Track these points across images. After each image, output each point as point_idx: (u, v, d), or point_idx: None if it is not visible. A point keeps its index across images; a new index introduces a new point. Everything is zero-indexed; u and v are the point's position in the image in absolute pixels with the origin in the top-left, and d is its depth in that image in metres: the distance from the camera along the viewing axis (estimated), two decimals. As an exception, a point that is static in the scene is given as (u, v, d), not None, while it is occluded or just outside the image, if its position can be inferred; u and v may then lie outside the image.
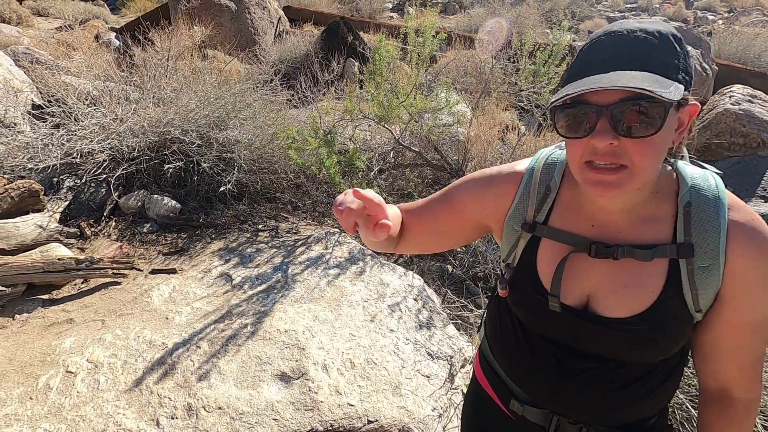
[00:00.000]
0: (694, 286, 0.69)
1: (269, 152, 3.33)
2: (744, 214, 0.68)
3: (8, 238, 2.37)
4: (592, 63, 0.63)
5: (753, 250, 0.67)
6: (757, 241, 0.67)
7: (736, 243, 0.67)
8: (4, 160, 3.03)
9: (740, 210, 0.69)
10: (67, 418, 1.54)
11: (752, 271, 0.67)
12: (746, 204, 0.70)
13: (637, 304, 0.72)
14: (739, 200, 0.70)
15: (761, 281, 0.68)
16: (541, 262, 0.79)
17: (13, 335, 1.99)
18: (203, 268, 2.48)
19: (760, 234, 0.67)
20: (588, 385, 0.78)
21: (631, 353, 0.75)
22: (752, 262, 0.67)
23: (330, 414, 1.58)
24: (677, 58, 0.62)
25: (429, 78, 4.90)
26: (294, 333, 1.94)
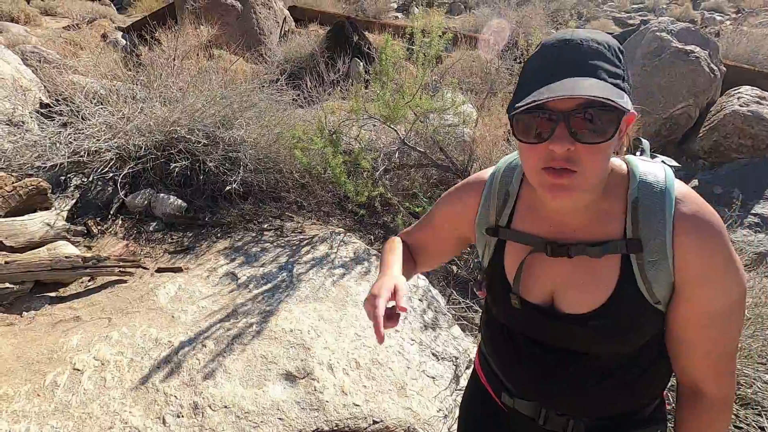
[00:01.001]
0: (647, 280, 0.70)
1: (275, 152, 3.34)
2: (691, 206, 0.68)
3: (16, 236, 2.39)
4: (547, 69, 0.64)
5: (698, 242, 0.67)
6: (703, 233, 0.67)
7: (683, 236, 0.68)
8: (12, 158, 3.06)
9: (688, 202, 0.69)
10: (74, 416, 1.54)
11: (699, 262, 0.68)
12: (699, 195, 0.70)
13: (594, 300, 0.74)
14: (690, 192, 0.70)
15: (710, 273, 0.68)
16: (508, 263, 0.83)
17: (21, 332, 2.00)
18: (209, 267, 2.49)
19: (705, 225, 0.68)
20: (567, 379, 0.81)
21: (598, 347, 0.78)
22: (698, 253, 0.68)
23: (335, 414, 1.58)
24: (623, 69, 0.65)
25: (434, 78, 4.89)
26: (299, 332, 1.94)
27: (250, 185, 3.20)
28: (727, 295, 0.69)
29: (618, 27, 10.61)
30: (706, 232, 0.67)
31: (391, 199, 3.13)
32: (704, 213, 0.68)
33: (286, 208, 3.24)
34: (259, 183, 3.21)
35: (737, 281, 0.69)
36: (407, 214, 3.16)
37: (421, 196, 3.10)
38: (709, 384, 0.75)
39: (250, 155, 3.18)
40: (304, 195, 3.38)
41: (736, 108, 4.33)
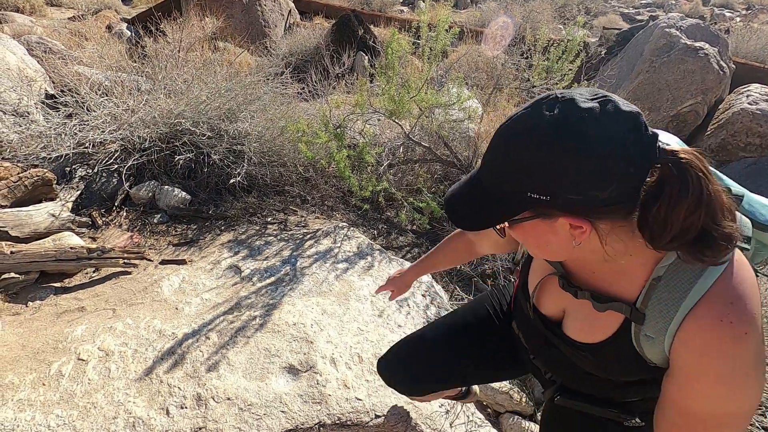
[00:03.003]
0: (640, 346, 0.69)
1: (279, 145, 3.33)
2: (717, 309, 0.59)
3: (22, 226, 2.40)
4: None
5: (702, 348, 0.60)
6: (711, 344, 0.59)
7: (688, 335, 0.62)
8: (18, 148, 3.07)
9: (718, 302, 0.59)
10: (78, 405, 1.56)
11: (694, 364, 0.62)
12: (747, 295, 0.59)
13: (590, 336, 0.76)
14: (732, 289, 0.59)
15: (701, 371, 0.61)
16: (532, 273, 0.90)
17: (26, 322, 2.01)
18: (213, 260, 2.50)
19: (720, 336, 0.59)
20: (561, 360, 0.87)
21: (584, 368, 0.83)
22: (698, 357, 0.61)
23: (338, 408, 1.58)
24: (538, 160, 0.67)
25: (440, 73, 4.86)
26: (302, 326, 1.94)
27: (254, 178, 3.20)
28: (720, 406, 0.61)
29: (626, 23, 10.49)
30: (727, 332, 0.58)
31: (396, 194, 3.12)
32: (738, 309, 0.58)
33: (290, 202, 3.24)
34: (263, 176, 3.21)
35: (739, 393, 0.60)
36: (411, 209, 3.15)
37: (425, 191, 3.09)
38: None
39: (254, 148, 3.17)
40: (308, 189, 3.38)
41: (744, 106, 4.28)
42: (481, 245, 1.11)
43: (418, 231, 3.18)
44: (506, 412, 1.85)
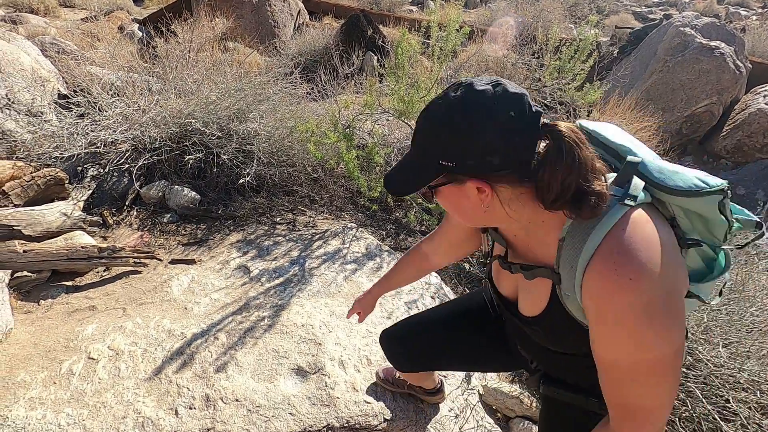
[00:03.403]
0: (567, 307, 0.75)
1: (288, 145, 3.33)
2: (612, 248, 0.65)
3: (34, 225, 2.43)
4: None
5: (600, 289, 0.66)
6: (609, 280, 0.65)
7: (590, 280, 0.68)
8: (31, 148, 3.10)
9: (614, 243, 0.66)
10: (89, 404, 1.56)
11: (596, 309, 0.68)
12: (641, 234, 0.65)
13: (533, 309, 0.85)
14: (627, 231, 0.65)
15: (606, 324, 0.67)
16: (493, 258, 0.97)
17: (38, 320, 2.03)
18: (221, 260, 2.50)
19: (616, 272, 0.64)
20: (532, 342, 0.94)
21: (545, 345, 0.89)
22: (597, 300, 0.67)
23: (346, 410, 1.57)
24: (447, 139, 0.73)
25: (449, 73, 4.83)
26: (311, 327, 1.94)
27: (263, 178, 3.20)
28: (631, 350, 0.66)
29: (638, 21, 10.35)
30: (621, 274, 0.64)
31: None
32: (634, 251, 0.64)
33: (299, 202, 3.24)
34: (272, 176, 3.21)
35: (648, 339, 0.64)
36: (420, 210, 3.13)
37: (435, 192, 3.07)
38: (613, 419, 0.75)
39: (263, 148, 3.18)
40: (317, 189, 3.37)
41: (762, 106, 4.19)
42: (437, 254, 1.19)
43: (427, 232, 3.16)
44: (516, 417, 1.82)
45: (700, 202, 0.69)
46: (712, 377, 1.67)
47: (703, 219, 0.73)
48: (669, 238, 0.68)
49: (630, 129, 3.87)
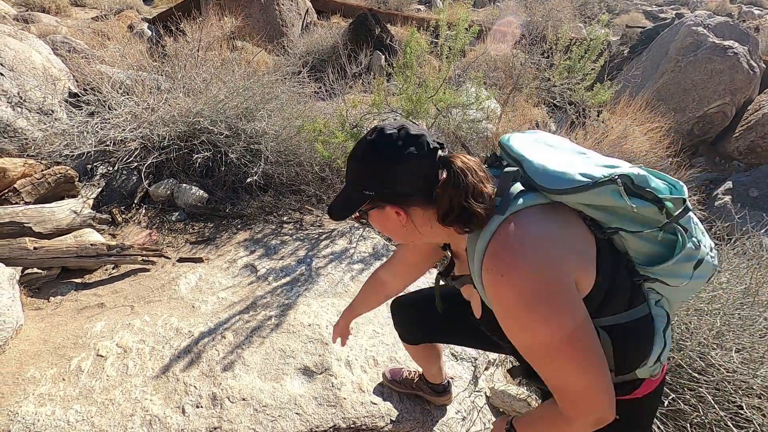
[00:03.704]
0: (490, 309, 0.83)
1: (295, 144, 3.33)
2: (496, 245, 0.77)
3: (44, 223, 2.45)
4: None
5: (490, 282, 0.77)
6: (494, 273, 0.76)
7: (484, 275, 0.78)
8: (42, 146, 3.13)
9: (497, 241, 0.77)
10: (97, 401, 1.57)
11: (492, 300, 0.79)
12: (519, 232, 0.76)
13: (477, 312, 0.98)
14: (506, 230, 0.76)
15: (501, 312, 0.79)
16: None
17: (48, 317, 2.05)
18: (229, 258, 2.51)
19: (498, 264, 0.76)
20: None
21: (497, 341, 0.95)
22: (490, 291, 0.78)
23: (353, 411, 1.56)
24: (366, 171, 0.86)
25: (457, 72, 4.80)
26: (317, 327, 1.93)
27: (271, 177, 3.21)
28: (529, 337, 0.77)
29: (649, 20, 10.23)
30: (496, 272, 0.75)
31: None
32: (504, 252, 0.75)
33: (306, 201, 3.24)
34: (279, 175, 3.22)
35: (536, 326, 0.74)
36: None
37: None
38: (557, 401, 0.82)
39: (271, 147, 3.18)
40: (324, 188, 3.37)
41: (776, 107, 4.12)
42: (395, 279, 1.29)
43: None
44: (524, 420, 1.80)
45: (590, 196, 0.76)
46: (724, 383, 1.64)
47: (609, 208, 0.78)
48: (554, 235, 0.76)
49: (640, 130, 3.83)
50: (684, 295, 0.90)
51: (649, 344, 0.86)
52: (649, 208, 0.77)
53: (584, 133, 3.84)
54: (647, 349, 0.86)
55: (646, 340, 0.86)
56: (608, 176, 0.75)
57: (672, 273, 0.82)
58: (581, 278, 0.77)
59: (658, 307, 0.87)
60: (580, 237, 0.79)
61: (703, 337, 1.73)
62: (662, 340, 0.86)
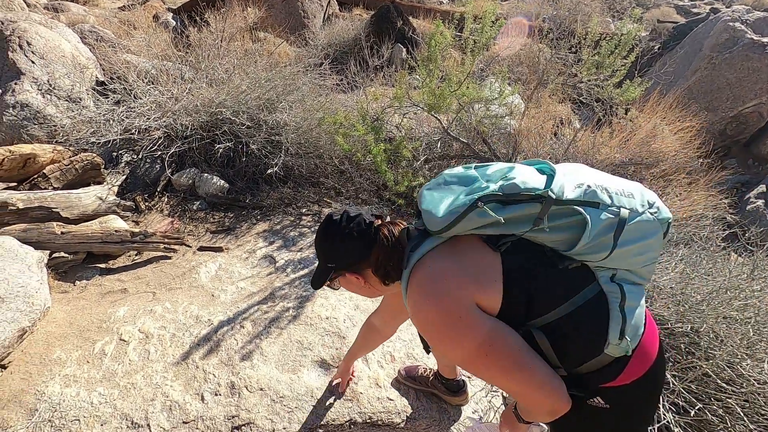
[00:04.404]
0: None
1: (315, 136, 3.33)
2: (409, 289, 0.95)
3: (71, 208, 2.51)
4: None
5: (411, 314, 0.95)
6: (412, 316, 0.95)
7: (411, 318, 0.97)
8: (70, 133, 3.21)
9: (410, 286, 0.94)
10: (119, 385, 1.61)
11: (419, 330, 0.98)
12: (425, 273, 0.93)
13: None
14: (415, 275, 0.94)
15: (428, 340, 1.00)
16: None
17: (74, 300, 2.10)
18: (248, 249, 2.52)
19: (410, 303, 0.94)
20: None
21: None
22: (414, 322, 0.96)
23: (369, 406, 1.56)
24: (327, 250, 1.06)
25: (480, 66, 4.72)
26: (335, 321, 1.93)
27: (290, 169, 3.22)
28: (450, 355, 0.99)
29: (680, 15, 9.86)
30: (413, 312, 0.93)
31: (431, 190, 3.06)
32: (411, 298, 0.93)
33: (324, 194, 3.24)
34: (299, 167, 3.22)
35: (450, 347, 0.90)
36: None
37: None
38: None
39: (291, 139, 3.19)
40: (343, 181, 3.36)
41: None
42: (386, 324, 1.40)
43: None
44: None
45: (465, 224, 0.88)
46: (755, 395, 1.58)
47: (490, 225, 0.88)
48: (444, 272, 0.90)
49: (670, 129, 3.70)
50: (637, 261, 0.91)
51: (599, 327, 0.88)
52: (532, 207, 0.86)
53: (610, 131, 3.73)
54: (597, 333, 0.88)
55: (594, 324, 0.89)
56: (468, 203, 0.87)
57: (590, 250, 0.87)
58: (483, 298, 0.88)
59: (612, 284, 0.90)
60: (478, 261, 0.91)
61: (733, 346, 1.66)
62: (619, 315, 0.88)
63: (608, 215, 0.86)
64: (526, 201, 0.87)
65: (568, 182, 0.89)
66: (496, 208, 0.87)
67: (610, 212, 0.87)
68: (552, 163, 0.97)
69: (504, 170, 0.95)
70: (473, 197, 0.88)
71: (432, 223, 0.91)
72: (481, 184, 0.92)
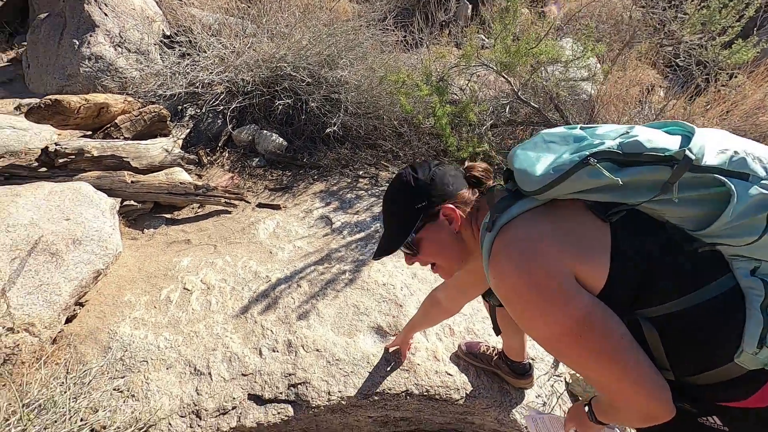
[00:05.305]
0: None
1: (376, 96, 3.20)
2: (493, 253, 0.79)
3: (140, 158, 2.58)
4: None
5: (494, 286, 0.80)
6: (494, 278, 0.79)
7: (492, 287, 0.82)
8: (139, 85, 3.29)
9: (495, 249, 0.79)
10: (183, 332, 1.65)
11: (503, 303, 0.81)
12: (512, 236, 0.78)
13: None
14: (502, 237, 0.78)
15: (511, 314, 0.80)
16: None
17: (142, 247, 2.19)
18: (305, 208, 2.50)
19: (495, 271, 0.79)
20: None
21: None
22: (498, 295, 0.80)
23: (426, 379, 1.50)
24: (405, 204, 0.95)
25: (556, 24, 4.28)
26: (392, 288, 1.87)
27: (349, 129, 3.12)
28: (534, 332, 0.77)
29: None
30: (495, 279, 0.79)
31: (495, 158, 2.86)
32: (495, 262, 0.78)
33: (382, 157, 3.14)
34: (357, 128, 3.12)
35: (535, 322, 0.76)
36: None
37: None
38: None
39: (351, 98, 3.07)
40: (401, 145, 3.23)
41: None
42: (452, 301, 1.29)
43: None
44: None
45: (570, 185, 0.73)
46: None
47: (603, 188, 0.73)
48: (537, 236, 0.76)
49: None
50: None
51: (730, 330, 0.69)
52: (658, 171, 0.70)
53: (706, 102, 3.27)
54: (726, 337, 0.69)
55: (723, 325, 0.70)
56: (578, 160, 0.72)
57: (731, 232, 0.69)
58: (583, 272, 0.73)
59: (753, 278, 0.69)
60: (582, 229, 0.75)
61: None
62: (760, 317, 0.68)
63: (761, 190, 0.67)
64: (652, 163, 0.70)
65: (710, 145, 0.70)
66: (612, 169, 0.71)
67: (763, 187, 0.67)
68: (689, 124, 0.78)
69: (621, 129, 0.78)
70: (583, 154, 0.72)
71: (527, 183, 0.77)
72: (593, 141, 0.76)
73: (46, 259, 1.66)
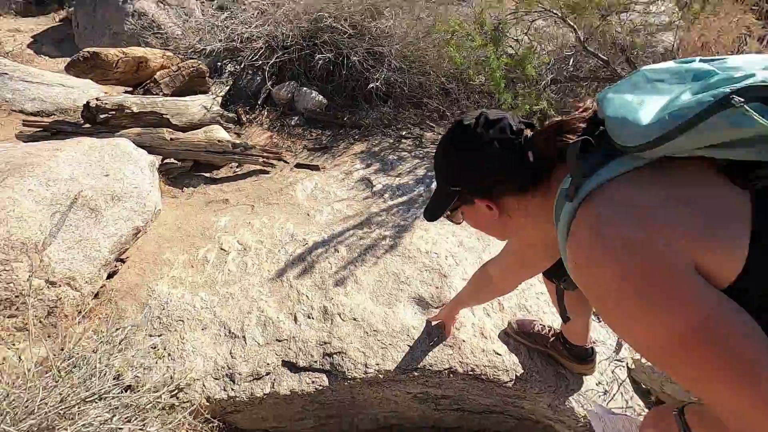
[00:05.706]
0: None
1: (422, 49, 2.94)
2: (575, 231, 0.61)
3: (180, 115, 2.53)
4: None
5: (576, 275, 0.63)
6: (579, 265, 0.62)
7: (573, 276, 0.64)
8: (180, 41, 3.21)
9: (577, 226, 0.61)
10: (219, 293, 1.61)
11: (587, 294, 0.63)
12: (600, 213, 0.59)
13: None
14: (586, 212, 0.60)
15: (599, 313, 0.64)
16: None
17: (181, 206, 2.16)
18: (345, 170, 2.37)
19: (580, 253, 0.61)
20: None
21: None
22: (581, 285, 0.63)
23: (472, 357, 1.37)
24: (446, 169, 0.85)
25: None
26: (436, 256, 1.72)
27: (392, 86, 2.91)
28: (632, 338, 0.59)
29: None
30: (579, 267, 0.62)
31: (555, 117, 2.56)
32: (580, 236, 0.61)
33: (427, 116, 2.92)
34: (401, 85, 2.90)
35: (633, 325, 0.57)
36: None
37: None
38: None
39: (395, 51, 2.84)
40: (447, 104, 2.99)
41: None
42: (506, 279, 1.12)
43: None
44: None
45: (697, 139, 0.53)
46: None
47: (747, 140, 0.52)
48: (649, 209, 0.56)
49: None
50: None
51: None
52: None
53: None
54: None
55: None
56: (713, 100, 0.51)
57: None
58: (709, 260, 0.53)
59: None
60: (709, 200, 0.55)
61: None
62: None
63: None
64: None
65: None
66: (763, 111, 0.49)
67: None
68: None
69: (762, 58, 0.55)
70: (720, 91, 0.51)
71: (628, 135, 0.57)
72: (731, 74, 0.54)
73: (86, 215, 1.65)
